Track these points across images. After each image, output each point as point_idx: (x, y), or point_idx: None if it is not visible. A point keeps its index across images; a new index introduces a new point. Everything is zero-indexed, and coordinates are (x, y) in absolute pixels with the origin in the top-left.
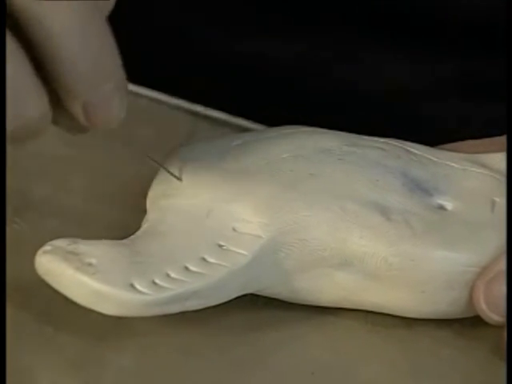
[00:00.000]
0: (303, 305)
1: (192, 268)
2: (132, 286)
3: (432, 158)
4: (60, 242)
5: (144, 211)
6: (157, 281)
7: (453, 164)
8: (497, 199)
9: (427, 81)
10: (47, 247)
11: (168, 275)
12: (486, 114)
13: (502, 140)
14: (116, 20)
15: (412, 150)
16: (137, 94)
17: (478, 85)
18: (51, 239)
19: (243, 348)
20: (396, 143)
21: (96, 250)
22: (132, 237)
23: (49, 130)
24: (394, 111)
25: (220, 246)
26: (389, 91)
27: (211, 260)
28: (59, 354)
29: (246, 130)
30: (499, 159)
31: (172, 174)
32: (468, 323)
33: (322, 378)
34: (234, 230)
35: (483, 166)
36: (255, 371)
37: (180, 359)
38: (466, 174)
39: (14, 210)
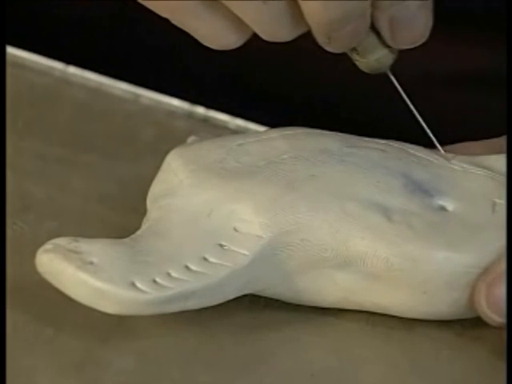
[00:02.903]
0: (304, 306)
1: (193, 267)
2: (133, 284)
3: (432, 159)
4: (61, 241)
5: (144, 212)
6: (158, 280)
7: (453, 165)
8: (497, 200)
9: (424, 81)
10: (48, 246)
11: (169, 274)
12: (485, 113)
13: (500, 142)
14: (118, 22)
15: (412, 151)
16: (137, 95)
17: (479, 84)
18: None
19: (243, 349)
20: (396, 145)
21: (97, 249)
22: (133, 236)
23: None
24: (391, 110)
25: (221, 245)
26: (386, 91)
27: (212, 260)
28: (59, 355)
29: (246, 131)
30: (499, 161)
31: None
32: (469, 324)
33: (321, 380)
34: (235, 229)
35: (483, 167)
36: (255, 372)
37: (180, 360)
38: (466, 175)
39: (14, 211)
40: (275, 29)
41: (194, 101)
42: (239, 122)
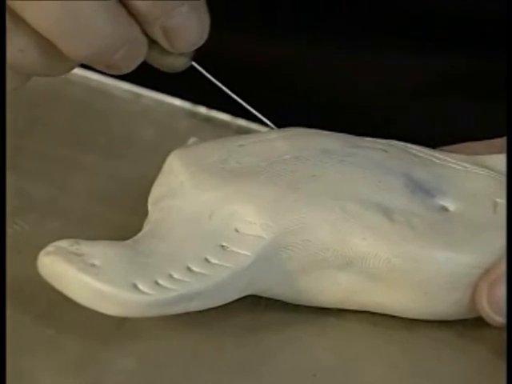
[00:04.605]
0: (305, 306)
1: (195, 269)
2: (135, 286)
3: (434, 159)
4: (63, 243)
5: (145, 213)
6: (160, 281)
7: (454, 165)
8: (499, 200)
9: (424, 80)
10: (50, 248)
11: (171, 276)
12: (486, 113)
13: (501, 142)
14: None
15: (414, 151)
16: (138, 95)
17: (479, 84)
18: (53, 241)
19: (245, 350)
20: (398, 145)
21: (99, 251)
22: (134, 238)
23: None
24: (392, 111)
25: (223, 246)
26: (388, 91)
27: (214, 261)
28: (60, 356)
29: (247, 131)
30: (501, 160)
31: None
32: (470, 324)
33: (323, 380)
34: (236, 230)
35: (485, 167)
36: (257, 373)
37: (181, 361)
38: (467, 175)
39: (16, 211)
40: (43, 70)
41: (196, 101)
42: (241, 123)
